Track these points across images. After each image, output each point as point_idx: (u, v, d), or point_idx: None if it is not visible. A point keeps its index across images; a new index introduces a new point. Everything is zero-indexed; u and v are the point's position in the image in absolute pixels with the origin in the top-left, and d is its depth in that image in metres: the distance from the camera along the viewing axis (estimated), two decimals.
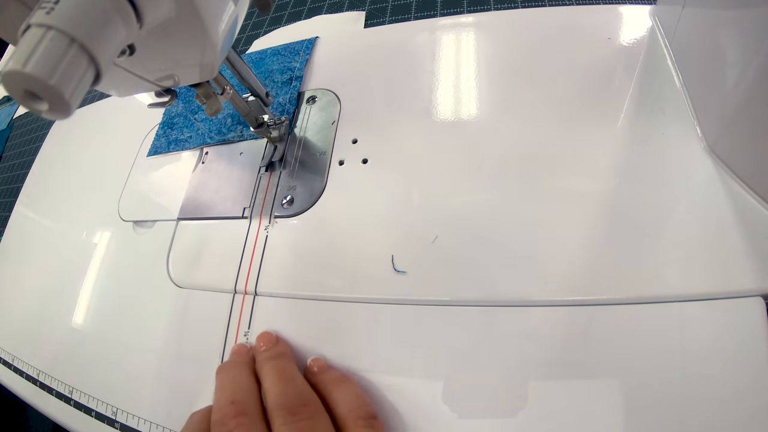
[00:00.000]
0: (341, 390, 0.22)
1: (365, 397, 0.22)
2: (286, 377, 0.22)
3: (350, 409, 0.21)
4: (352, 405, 0.21)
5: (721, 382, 0.19)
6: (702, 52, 0.25)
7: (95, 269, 0.35)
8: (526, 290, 0.23)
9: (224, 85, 0.26)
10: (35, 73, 0.12)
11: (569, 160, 0.26)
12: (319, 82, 0.37)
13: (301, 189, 0.31)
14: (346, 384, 0.22)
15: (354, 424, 0.20)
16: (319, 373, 0.23)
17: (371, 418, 0.21)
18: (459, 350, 0.23)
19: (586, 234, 0.24)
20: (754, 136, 0.21)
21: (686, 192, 0.23)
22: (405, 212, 0.27)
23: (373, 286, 0.25)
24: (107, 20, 0.13)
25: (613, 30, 0.31)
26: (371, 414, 0.21)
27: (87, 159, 0.45)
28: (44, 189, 0.48)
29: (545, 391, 0.21)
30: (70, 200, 0.43)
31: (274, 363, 0.23)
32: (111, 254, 0.35)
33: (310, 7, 0.48)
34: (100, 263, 0.35)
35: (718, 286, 0.21)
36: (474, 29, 0.35)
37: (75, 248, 0.38)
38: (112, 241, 0.36)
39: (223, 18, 0.19)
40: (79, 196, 0.42)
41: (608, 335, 0.21)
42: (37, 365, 0.34)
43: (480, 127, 0.29)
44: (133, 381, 0.29)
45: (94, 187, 0.41)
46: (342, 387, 0.22)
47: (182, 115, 0.40)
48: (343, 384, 0.22)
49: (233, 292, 0.28)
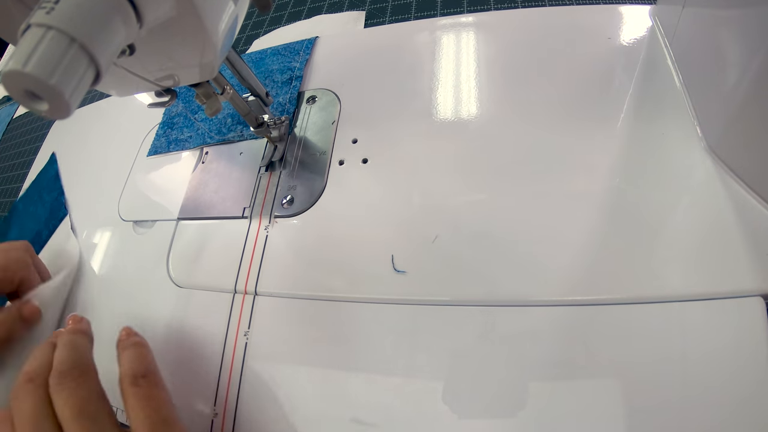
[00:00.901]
0: (122, 357, 0.23)
1: (140, 357, 0.23)
2: (71, 345, 0.23)
3: (122, 374, 0.22)
4: (123, 368, 0.23)
5: (721, 382, 0.19)
6: (702, 52, 0.25)
7: (95, 269, 0.35)
8: (527, 290, 0.23)
9: (224, 85, 0.26)
10: (35, 73, 0.12)
11: (569, 160, 0.26)
12: (319, 82, 0.37)
13: (301, 189, 0.31)
14: (127, 350, 0.24)
15: (122, 386, 0.22)
16: (118, 343, 0.25)
17: (139, 376, 0.22)
18: (459, 350, 0.23)
19: (586, 234, 0.24)
20: (754, 136, 0.21)
21: (686, 192, 0.23)
22: (405, 212, 0.27)
23: (373, 286, 0.25)
24: (107, 20, 0.13)
25: (613, 30, 0.31)
26: (138, 373, 0.22)
27: (87, 159, 0.45)
28: None
29: (545, 391, 0.21)
30: (70, 200, 0.43)
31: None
32: (111, 254, 0.35)
33: (310, 7, 0.48)
34: (100, 263, 0.35)
35: (718, 286, 0.21)
36: (474, 29, 0.35)
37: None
38: (111, 241, 0.36)
39: (223, 18, 0.19)
40: (79, 195, 0.42)
41: (608, 335, 0.21)
42: None
43: (480, 126, 0.29)
44: None
45: (94, 187, 0.41)
46: (123, 354, 0.24)
47: (182, 115, 0.40)
48: (125, 351, 0.24)
49: (233, 291, 0.28)
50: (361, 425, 0.22)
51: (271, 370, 0.25)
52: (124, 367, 0.23)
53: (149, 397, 0.21)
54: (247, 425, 0.24)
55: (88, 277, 0.35)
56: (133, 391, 0.21)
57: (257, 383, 0.25)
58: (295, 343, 0.26)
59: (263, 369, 0.26)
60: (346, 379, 0.24)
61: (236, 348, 0.27)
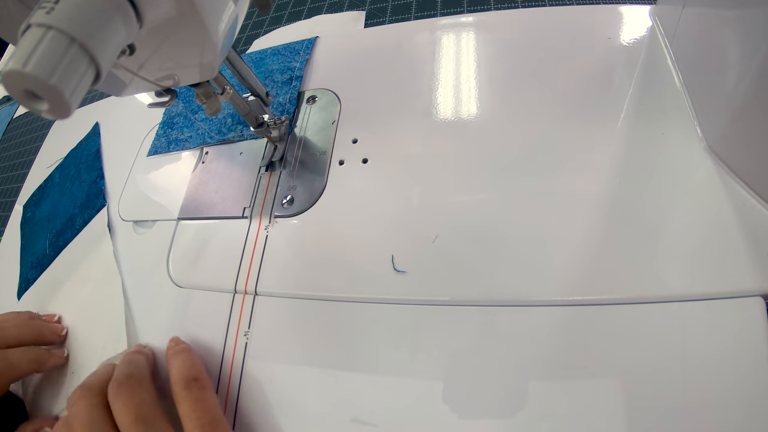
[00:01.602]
0: (173, 363, 0.25)
1: (189, 362, 0.25)
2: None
3: (174, 379, 0.24)
4: (174, 373, 0.24)
5: (721, 382, 0.19)
6: (702, 52, 0.25)
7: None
8: (527, 290, 0.23)
9: (224, 85, 0.26)
10: (35, 72, 0.12)
11: (569, 160, 0.26)
12: (319, 82, 0.37)
13: (301, 189, 0.31)
14: (177, 356, 0.25)
15: (175, 389, 0.23)
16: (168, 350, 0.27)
17: (191, 380, 0.23)
18: (459, 350, 0.23)
19: (586, 234, 0.24)
20: (755, 136, 0.21)
21: (686, 192, 0.23)
22: (405, 212, 0.27)
23: (373, 286, 0.25)
24: (107, 20, 0.13)
25: (613, 30, 0.31)
26: (190, 377, 0.24)
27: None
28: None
29: (545, 391, 0.21)
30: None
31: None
32: (111, 254, 0.35)
33: (310, 7, 0.48)
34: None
35: (718, 286, 0.21)
36: (474, 29, 0.35)
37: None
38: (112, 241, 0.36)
39: (223, 18, 0.19)
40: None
41: (608, 335, 0.21)
42: None
43: (480, 126, 0.29)
44: None
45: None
46: (173, 360, 0.25)
47: (182, 115, 0.40)
48: (175, 357, 0.25)
49: (233, 291, 0.28)
50: (361, 425, 0.22)
51: (271, 370, 0.25)
52: (174, 372, 0.24)
53: (199, 399, 0.23)
54: (247, 425, 0.24)
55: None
56: (185, 395, 0.23)
57: (257, 383, 0.25)
58: (295, 343, 0.26)
59: (263, 369, 0.26)
60: (346, 379, 0.24)
61: (236, 348, 0.27)
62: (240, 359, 0.26)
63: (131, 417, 0.22)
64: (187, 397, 0.23)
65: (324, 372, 0.24)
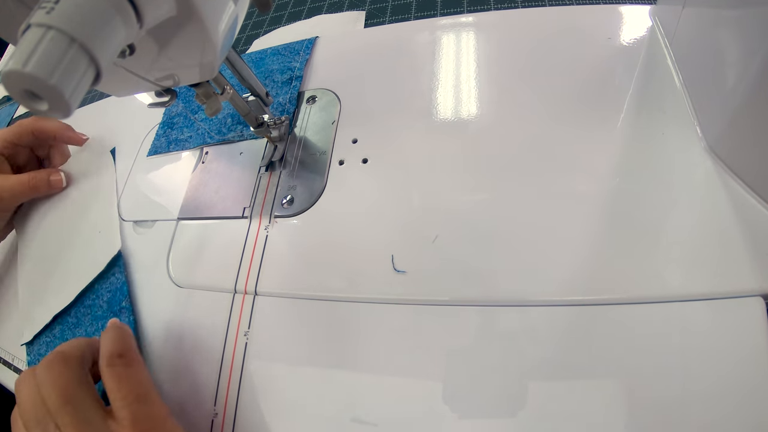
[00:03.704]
0: (102, 341, 0.24)
1: (115, 338, 0.24)
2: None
3: (100, 356, 0.23)
4: (101, 351, 0.23)
5: (721, 382, 0.19)
6: (702, 52, 0.25)
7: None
8: (526, 290, 0.23)
9: (224, 85, 0.26)
10: (35, 72, 0.12)
11: (569, 160, 0.26)
12: (319, 82, 0.37)
13: (301, 189, 0.31)
14: (105, 334, 0.24)
15: (100, 367, 0.23)
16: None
17: (115, 356, 0.23)
18: (459, 350, 0.23)
19: (586, 234, 0.24)
20: (754, 136, 0.21)
21: (686, 192, 0.23)
22: (405, 212, 0.27)
23: (373, 286, 0.25)
24: (107, 20, 0.13)
25: (613, 30, 0.31)
26: (114, 353, 0.23)
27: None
28: None
29: (545, 391, 0.21)
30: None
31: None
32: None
33: (310, 7, 0.48)
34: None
35: (718, 286, 0.21)
36: (474, 29, 0.35)
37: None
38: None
39: (223, 18, 0.19)
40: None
41: (608, 335, 0.21)
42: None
43: (480, 126, 0.29)
44: None
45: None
46: (102, 339, 0.24)
47: (182, 115, 0.40)
48: (104, 335, 0.24)
49: (233, 291, 0.28)
50: (361, 425, 0.22)
51: (271, 370, 0.25)
52: (101, 350, 0.23)
53: (124, 376, 0.22)
54: (247, 425, 0.24)
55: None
56: (109, 372, 0.22)
57: (257, 383, 0.25)
58: (295, 343, 0.26)
59: (263, 369, 0.26)
60: (346, 378, 0.24)
61: (236, 348, 0.27)
62: (240, 359, 0.26)
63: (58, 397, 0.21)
64: (110, 374, 0.22)
65: (324, 372, 0.24)
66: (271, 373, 0.25)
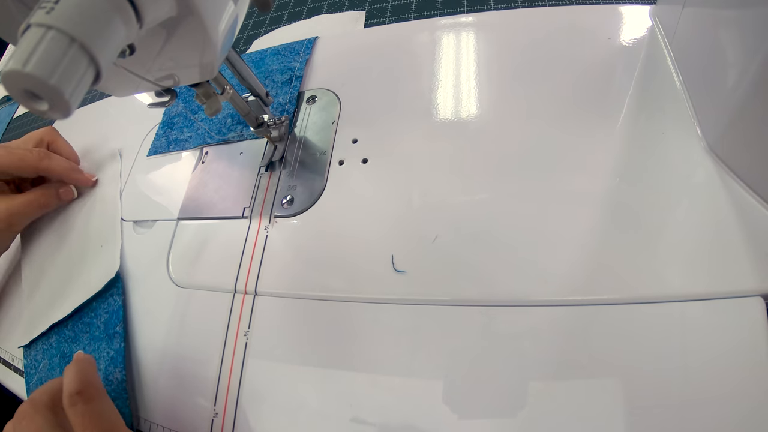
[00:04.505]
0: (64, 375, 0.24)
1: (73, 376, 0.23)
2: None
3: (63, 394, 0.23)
4: (63, 389, 0.23)
5: (721, 382, 0.19)
6: (702, 52, 0.25)
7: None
8: (526, 290, 0.23)
9: (224, 85, 0.26)
10: (35, 72, 0.12)
11: (569, 160, 0.26)
12: (319, 82, 0.37)
13: (301, 189, 0.31)
14: (65, 372, 0.24)
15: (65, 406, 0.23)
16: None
17: (74, 395, 0.22)
18: (459, 350, 0.23)
19: (586, 234, 0.24)
20: (754, 136, 0.21)
21: (686, 192, 0.23)
22: (405, 212, 0.27)
23: (373, 286, 0.25)
24: (107, 20, 0.13)
25: (613, 30, 0.31)
26: (73, 392, 0.22)
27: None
28: None
29: (545, 391, 0.21)
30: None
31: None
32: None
33: (310, 7, 0.48)
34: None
35: (718, 286, 0.21)
36: (474, 29, 0.35)
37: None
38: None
39: (223, 18, 0.19)
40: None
41: (609, 335, 0.21)
42: None
43: (480, 126, 0.29)
44: (132, 381, 0.29)
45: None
46: (65, 372, 0.24)
47: (182, 115, 0.40)
48: (67, 369, 0.24)
49: (233, 291, 0.28)
50: (361, 425, 0.22)
51: (271, 370, 0.25)
52: (63, 388, 0.23)
53: (87, 413, 0.22)
54: (247, 425, 0.24)
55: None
56: (71, 412, 0.22)
57: (257, 383, 0.25)
58: (295, 343, 0.26)
59: (263, 369, 0.26)
60: (346, 379, 0.24)
61: (236, 348, 0.27)
62: (240, 359, 0.26)
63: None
64: (73, 413, 0.22)
65: (324, 372, 0.24)
66: (271, 373, 0.25)
